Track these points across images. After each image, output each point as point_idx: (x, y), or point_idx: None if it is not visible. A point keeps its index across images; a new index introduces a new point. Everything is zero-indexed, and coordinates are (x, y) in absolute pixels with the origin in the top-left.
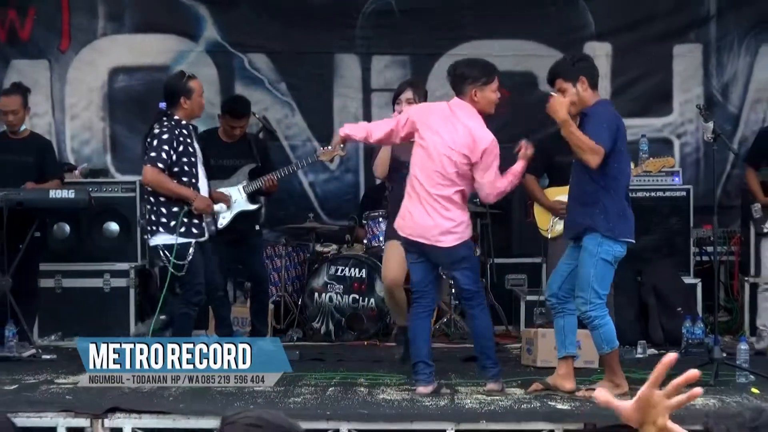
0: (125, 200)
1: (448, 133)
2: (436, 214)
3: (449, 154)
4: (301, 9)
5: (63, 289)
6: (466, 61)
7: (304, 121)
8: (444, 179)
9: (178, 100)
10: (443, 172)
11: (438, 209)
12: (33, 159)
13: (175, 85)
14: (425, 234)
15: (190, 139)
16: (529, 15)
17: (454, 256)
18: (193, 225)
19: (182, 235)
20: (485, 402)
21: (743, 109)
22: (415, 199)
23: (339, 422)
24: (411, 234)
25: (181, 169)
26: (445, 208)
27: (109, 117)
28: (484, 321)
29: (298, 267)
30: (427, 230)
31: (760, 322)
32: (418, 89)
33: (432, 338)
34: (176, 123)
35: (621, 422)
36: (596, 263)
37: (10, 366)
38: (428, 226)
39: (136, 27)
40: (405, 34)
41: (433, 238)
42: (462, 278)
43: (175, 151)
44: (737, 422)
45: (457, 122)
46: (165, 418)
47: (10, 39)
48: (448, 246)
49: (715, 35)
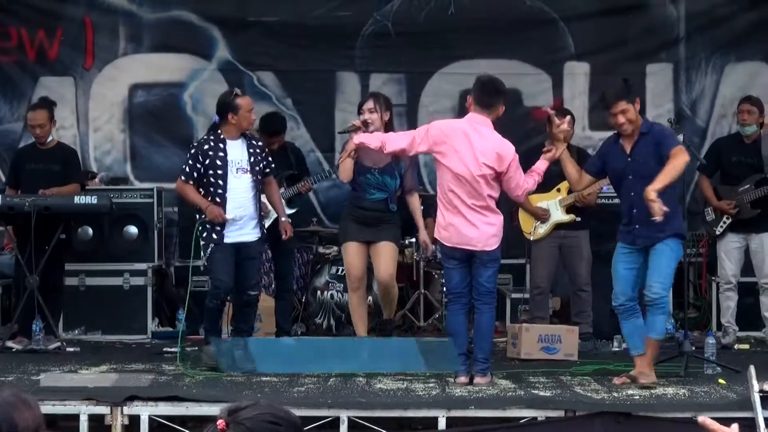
0: (144, 205)
1: (474, 149)
2: (479, 223)
3: (478, 170)
4: (306, 31)
5: (86, 287)
6: (499, 80)
7: (308, 133)
8: (479, 192)
9: (226, 116)
10: (476, 185)
11: (479, 218)
12: (59, 167)
13: (223, 101)
14: (472, 242)
15: (222, 153)
16: (514, 37)
17: (494, 255)
18: (214, 231)
19: (203, 240)
20: (473, 391)
21: (710, 123)
22: (454, 211)
23: (339, 410)
24: (458, 243)
25: (208, 180)
26: (485, 215)
27: (128, 129)
28: (489, 319)
29: (302, 267)
30: (474, 239)
31: (724, 320)
32: (378, 100)
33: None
34: (208, 138)
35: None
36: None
37: (38, 357)
38: (474, 236)
39: (154, 47)
40: (400, 54)
41: (481, 245)
42: (489, 276)
43: (202, 164)
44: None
45: (481, 138)
46: (179, 406)
47: (39, 58)
48: (493, 249)
49: (684, 55)
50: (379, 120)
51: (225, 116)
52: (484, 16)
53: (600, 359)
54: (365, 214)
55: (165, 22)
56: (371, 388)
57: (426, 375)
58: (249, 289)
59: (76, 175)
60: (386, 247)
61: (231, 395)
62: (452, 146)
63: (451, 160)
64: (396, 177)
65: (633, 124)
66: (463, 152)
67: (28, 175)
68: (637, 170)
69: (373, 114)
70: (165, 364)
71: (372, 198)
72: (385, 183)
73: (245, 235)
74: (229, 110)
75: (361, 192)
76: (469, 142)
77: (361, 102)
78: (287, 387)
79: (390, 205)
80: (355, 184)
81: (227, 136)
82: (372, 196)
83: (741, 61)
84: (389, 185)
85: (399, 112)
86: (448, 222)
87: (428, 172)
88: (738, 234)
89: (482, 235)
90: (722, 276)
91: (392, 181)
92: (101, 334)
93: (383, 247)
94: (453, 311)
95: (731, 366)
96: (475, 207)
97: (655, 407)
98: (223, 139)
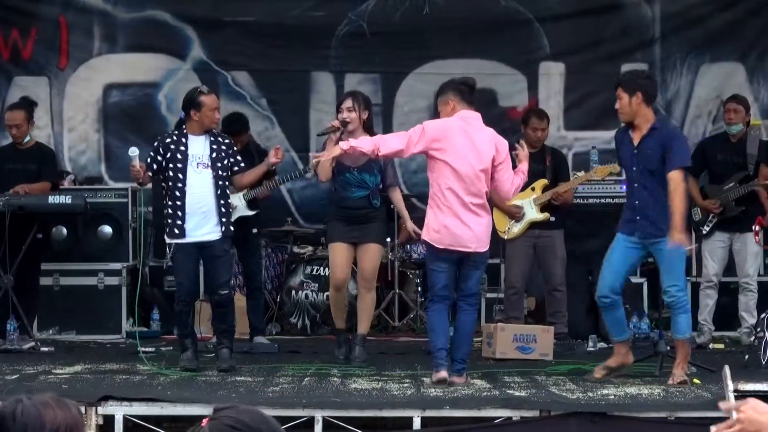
0: (118, 205)
1: (474, 143)
2: (473, 224)
3: (480, 164)
4: (280, 31)
5: (60, 286)
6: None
7: (282, 134)
8: (478, 188)
9: (189, 112)
10: (476, 181)
11: (474, 218)
12: (36, 167)
13: (188, 98)
14: (466, 243)
15: (183, 147)
16: (489, 37)
17: (484, 257)
18: (176, 226)
19: (168, 235)
20: (448, 391)
21: (685, 123)
22: (448, 212)
23: (314, 410)
24: (451, 245)
25: (168, 174)
26: (479, 215)
27: (103, 129)
28: (472, 321)
29: (276, 267)
30: (468, 240)
31: (701, 318)
32: (357, 99)
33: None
34: (171, 133)
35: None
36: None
37: (12, 357)
38: (468, 237)
39: (129, 47)
40: (375, 54)
41: (474, 246)
42: (476, 278)
43: (163, 157)
44: None
45: (476, 132)
46: (154, 406)
47: (13, 57)
48: (485, 250)
49: (659, 56)
50: (357, 119)
51: (189, 113)
52: (459, 17)
53: (575, 359)
54: (351, 213)
55: (140, 22)
56: (346, 388)
57: (401, 375)
58: (219, 289)
59: (49, 173)
60: (372, 249)
61: (205, 395)
62: (451, 142)
63: (450, 156)
64: (375, 174)
65: (625, 114)
66: (463, 147)
67: (6, 175)
68: (640, 163)
69: (351, 113)
70: (139, 364)
71: (354, 196)
72: (364, 180)
73: (207, 234)
74: (192, 107)
75: (342, 191)
76: (468, 137)
77: (340, 101)
78: (262, 387)
79: (373, 201)
80: (336, 184)
81: (190, 131)
82: (353, 194)
83: (716, 61)
84: (369, 182)
85: (374, 112)
86: (441, 223)
87: (403, 172)
88: (724, 233)
89: (474, 236)
90: (704, 274)
91: (372, 178)
92: (75, 333)
93: (369, 248)
94: (436, 309)
95: (706, 366)
96: (471, 206)
97: (630, 407)
98: (186, 134)
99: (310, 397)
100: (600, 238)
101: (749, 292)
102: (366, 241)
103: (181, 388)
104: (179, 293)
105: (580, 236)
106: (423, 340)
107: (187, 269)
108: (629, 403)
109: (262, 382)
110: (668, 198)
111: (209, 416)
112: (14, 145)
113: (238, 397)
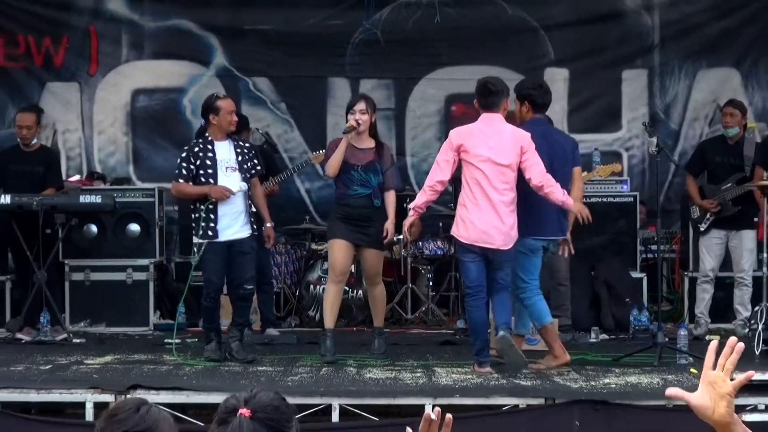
0: (145, 204)
1: (496, 143)
2: (498, 221)
3: (505, 159)
4: (298, 39)
5: (91, 281)
6: (494, 79)
7: (300, 136)
8: (507, 185)
9: (208, 117)
10: (505, 179)
11: (501, 216)
12: (42, 169)
13: (205, 104)
14: (490, 240)
15: (211, 153)
16: (496, 44)
17: (511, 255)
18: (209, 228)
19: (200, 235)
20: (458, 380)
21: (683, 126)
22: (475, 209)
23: (331, 398)
24: (476, 241)
25: (200, 180)
26: (506, 214)
27: (131, 132)
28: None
29: (295, 263)
30: (493, 237)
31: (698, 311)
32: (369, 102)
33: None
34: (197, 142)
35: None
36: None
37: (45, 348)
38: (493, 234)
39: (155, 54)
40: (388, 61)
41: (497, 244)
42: (508, 272)
43: (194, 165)
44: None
45: (497, 133)
46: (180, 394)
47: (45, 64)
48: (509, 248)
49: (658, 62)
50: (368, 121)
51: (208, 118)
52: (468, 25)
53: (578, 350)
54: (352, 212)
55: (165, 31)
56: (361, 377)
57: (413, 365)
58: (244, 284)
59: (55, 179)
60: (373, 253)
61: (229, 385)
62: (473, 142)
63: (472, 155)
64: (378, 174)
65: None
66: (488, 147)
67: (12, 176)
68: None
69: (364, 115)
70: (166, 355)
71: (355, 194)
72: (368, 179)
73: (237, 233)
74: (210, 111)
75: (345, 189)
76: (489, 139)
77: (351, 103)
78: (282, 376)
79: (374, 201)
80: (340, 182)
81: (214, 137)
82: (355, 192)
83: (712, 67)
84: (372, 181)
85: (387, 116)
86: (467, 219)
87: (415, 173)
88: (720, 230)
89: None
90: (701, 269)
91: (375, 177)
92: (105, 326)
93: (371, 253)
94: (474, 306)
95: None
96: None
97: (630, 395)
98: (211, 141)
99: (328, 386)
100: (602, 235)
101: (744, 286)
102: (367, 245)
103: (206, 378)
104: (209, 290)
105: (582, 233)
106: (434, 332)
107: (217, 267)
108: (629, 391)
109: (282, 372)
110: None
111: (245, 407)
112: (20, 148)
113: (259, 386)
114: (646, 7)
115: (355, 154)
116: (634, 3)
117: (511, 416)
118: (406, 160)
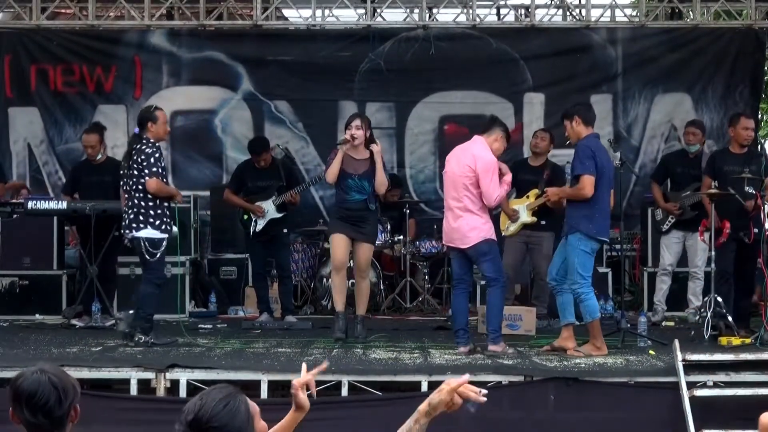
0: (182, 209)
1: (460, 158)
2: (455, 222)
3: (460, 171)
4: (314, 68)
5: (136, 275)
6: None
7: (315, 151)
8: (459, 192)
9: (146, 125)
10: (456, 187)
11: (457, 218)
12: (110, 179)
13: (145, 113)
14: (448, 240)
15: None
16: (482, 72)
17: (479, 250)
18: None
19: (162, 231)
20: (450, 360)
21: (642, 143)
22: (446, 214)
23: (341, 375)
24: (447, 241)
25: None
26: (460, 216)
27: (170, 147)
28: (494, 300)
29: (310, 259)
30: (454, 235)
31: (656, 299)
32: (364, 120)
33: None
34: (155, 144)
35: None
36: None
37: (96, 333)
38: (455, 236)
39: (191, 81)
40: (390, 87)
41: (458, 241)
42: (485, 267)
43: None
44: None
45: (467, 150)
46: (211, 372)
47: (97, 89)
48: (471, 245)
49: (621, 88)
50: (363, 136)
51: (145, 125)
52: (458, 56)
53: (553, 334)
54: (350, 214)
55: (200, 61)
56: (367, 358)
57: (412, 347)
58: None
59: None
60: (365, 247)
61: (253, 364)
62: (449, 160)
63: (446, 169)
64: (373, 181)
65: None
66: (453, 161)
67: (85, 186)
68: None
69: (359, 130)
70: (200, 338)
71: (352, 199)
72: (363, 186)
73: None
74: (149, 120)
75: (343, 194)
76: (458, 155)
77: (349, 120)
78: (299, 356)
79: (369, 205)
80: (339, 188)
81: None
82: (352, 197)
83: (667, 92)
84: (367, 188)
85: (389, 134)
86: (443, 223)
87: (413, 183)
88: (679, 231)
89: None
90: (660, 263)
91: (369, 184)
92: None
93: (363, 247)
94: (456, 294)
95: (660, 340)
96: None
97: (597, 373)
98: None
99: (338, 365)
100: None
101: (697, 279)
102: (361, 240)
103: (233, 358)
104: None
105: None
106: (430, 318)
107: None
108: (597, 370)
109: (299, 353)
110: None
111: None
112: (89, 161)
113: (279, 365)
114: (610, 41)
115: (352, 164)
116: (600, 38)
117: (495, 391)
118: (406, 172)
